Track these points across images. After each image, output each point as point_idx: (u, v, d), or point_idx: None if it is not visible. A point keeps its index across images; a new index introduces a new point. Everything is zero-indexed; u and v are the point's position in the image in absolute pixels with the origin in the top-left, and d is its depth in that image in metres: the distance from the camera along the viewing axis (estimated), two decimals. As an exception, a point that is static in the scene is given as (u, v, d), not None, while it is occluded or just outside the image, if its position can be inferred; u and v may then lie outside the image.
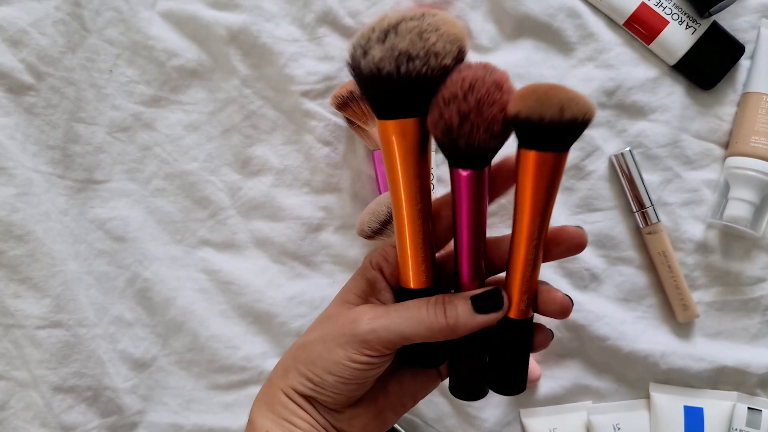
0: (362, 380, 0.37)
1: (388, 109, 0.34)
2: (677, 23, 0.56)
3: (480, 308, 0.36)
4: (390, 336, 0.35)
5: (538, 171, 0.33)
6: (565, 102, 0.31)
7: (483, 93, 0.32)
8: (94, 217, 0.56)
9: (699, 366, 0.56)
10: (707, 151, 0.58)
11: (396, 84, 0.32)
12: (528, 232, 0.35)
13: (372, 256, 0.39)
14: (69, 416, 0.53)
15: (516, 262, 0.36)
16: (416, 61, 0.32)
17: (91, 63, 0.56)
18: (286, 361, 0.39)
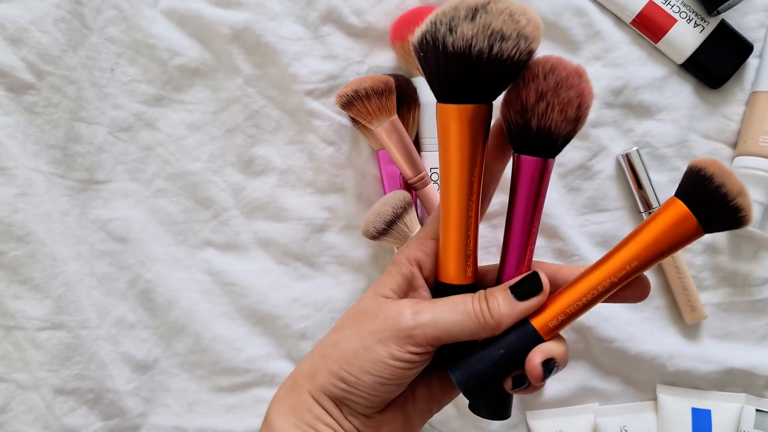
0: (401, 380, 0.35)
1: (457, 91, 0.33)
2: (685, 21, 0.56)
3: (520, 295, 0.34)
4: (436, 332, 0.34)
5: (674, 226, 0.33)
6: (743, 191, 0.32)
7: (563, 76, 0.32)
8: (95, 218, 0.56)
9: (707, 368, 0.56)
10: (715, 150, 0.57)
11: (485, 63, 0.31)
12: (618, 266, 0.34)
13: (407, 252, 0.37)
14: (70, 419, 0.52)
15: (584, 283, 0.35)
16: (509, 41, 0.31)
17: (93, 62, 0.55)
18: (314, 359, 0.37)
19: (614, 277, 0.34)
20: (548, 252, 0.57)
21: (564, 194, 0.57)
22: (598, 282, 0.34)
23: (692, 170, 0.33)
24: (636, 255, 0.34)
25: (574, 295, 0.35)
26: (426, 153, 0.57)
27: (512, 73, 0.33)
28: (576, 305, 0.35)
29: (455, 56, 0.31)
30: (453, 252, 0.36)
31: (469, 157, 0.34)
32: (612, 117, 0.57)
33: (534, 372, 0.34)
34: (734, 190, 0.32)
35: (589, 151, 0.57)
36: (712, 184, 0.32)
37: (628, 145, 0.57)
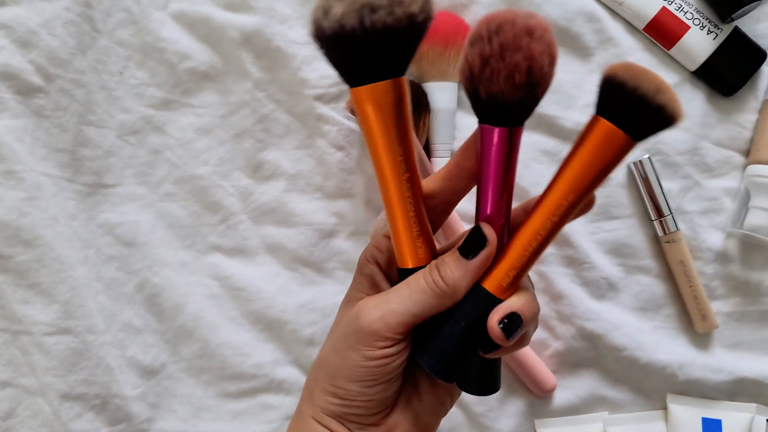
0: (386, 376, 0.34)
1: (358, 72, 0.31)
2: (698, 28, 0.55)
3: (465, 251, 0.33)
4: (398, 318, 0.33)
5: (600, 145, 0.31)
6: (662, 87, 0.30)
7: (509, 37, 0.30)
8: (103, 222, 0.56)
9: (717, 377, 0.56)
10: (727, 158, 0.57)
11: (362, 39, 0.30)
12: (552, 205, 0.32)
13: (365, 252, 0.37)
14: (77, 424, 0.52)
15: (524, 231, 0.33)
16: (380, 11, 0.30)
17: (102, 65, 0.55)
18: (309, 383, 0.37)
19: (554, 216, 0.32)
20: (558, 259, 0.57)
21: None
22: (539, 226, 0.32)
23: (605, 81, 0.31)
24: (570, 188, 0.32)
25: (520, 245, 0.33)
26: (436, 159, 0.57)
27: (406, 42, 0.31)
28: (524, 256, 0.33)
29: (334, 38, 0.30)
30: (401, 236, 0.34)
31: (390, 137, 0.32)
32: (624, 124, 0.56)
33: (494, 333, 0.32)
34: (651, 89, 0.30)
35: (601, 158, 0.56)
36: (626, 90, 0.30)
37: (639, 152, 0.57)
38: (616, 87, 0.30)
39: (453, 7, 0.57)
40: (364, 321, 0.33)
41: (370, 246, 0.37)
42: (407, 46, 0.31)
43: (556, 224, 0.32)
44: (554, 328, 0.57)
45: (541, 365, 0.56)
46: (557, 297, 0.56)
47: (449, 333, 0.34)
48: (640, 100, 0.30)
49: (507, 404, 0.57)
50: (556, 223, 0.32)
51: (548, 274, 0.56)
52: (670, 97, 0.30)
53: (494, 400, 0.57)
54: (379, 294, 0.35)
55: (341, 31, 0.30)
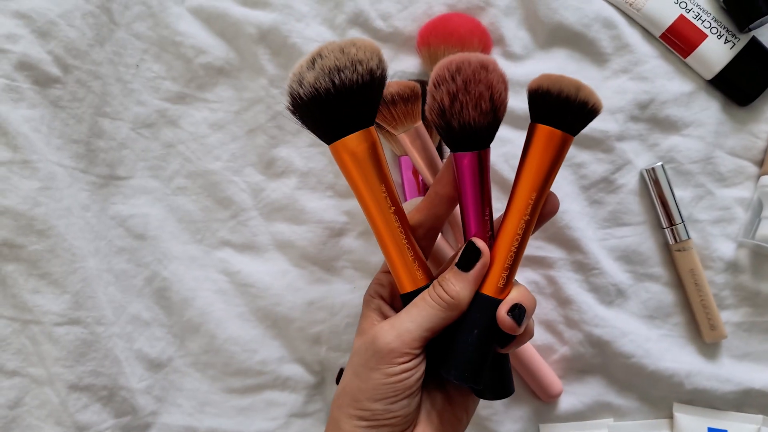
0: (408, 391, 0.37)
1: (334, 128, 0.37)
2: (716, 37, 0.55)
3: (465, 266, 0.37)
4: (413, 334, 0.36)
5: (545, 145, 0.36)
6: (580, 86, 0.36)
7: (469, 73, 0.36)
8: (115, 214, 0.56)
9: (725, 387, 0.55)
10: (741, 168, 0.57)
11: (334, 98, 0.36)
12: (523, 205, 0.37)
13: (369, 290, 0.41)
14: (83, 415, 0.52)
15: (505, 235, 0.38)
16: (345, 71, 0.36)
17: (119, 57, 0.55)
18: (334, 412, 0.39)
19: (525, 215, 0.37)
20: (568, 264, 0.56)
21: (586, 207, 0.57)
22: (515, 227, 0.37)
23: (533, 92, 0.37)
24: (531, 187, 0.37)
25: (505, 249, 0.38)
26: (449, 160, 0.56)
27: (370, 94, 0.37)
28: (510, 257, 0.38)
29: (312, 102, 0.36)
30: (397, 264, 0.38)
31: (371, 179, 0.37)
32: (637, 131, 0.56)
33: (506, 324, 0.37)
34: (572, 90, 0.36)
35: (613, 164, 0.56)
36: (552, 95, 0.36)
37: (652, 159, 0.57)
38: (544, 95, 0.36)
39: (469, 9, 0.57)
40: (381, 342, 0.37)
41: (372, 284, 0.41)
42: (371, 99, 0.37)
43: (528, 222, 0.37)
44: (561, 333, 0.57)
45: (548, 370, 0.56)
46: (565, 302, 0.56)
47: (466, 343, 0.38)
48: (566, 101, 0.36)
49: (512, 408, 0.57)
50: (528, 221, 0.37)
51: (557, 278, 0.56)
52: (588, 92, 0.36)
53: (500, 404, 0.56)
54: (390, 318, 0.38)
55: (317, 93, 0.36)
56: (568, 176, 0.56)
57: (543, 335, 0.57)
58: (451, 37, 0.55)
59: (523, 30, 0.57)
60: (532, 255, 0.57)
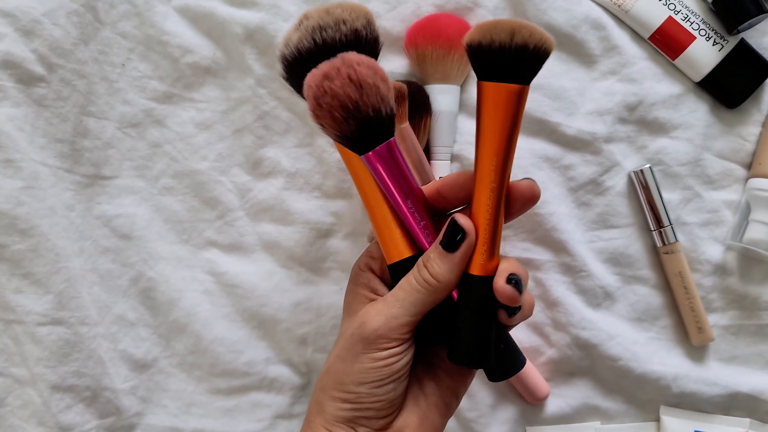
0: (394, 376, 0.36)
1: None
2: (704, 39, 0.55)
3: (448, 245, 0.35)
4: (401, 320, 0.36)
5: (495, 103, 0.33)
6: (516, 28, 0.32)
7: (315, 90, 0.34)
8: (100, 214, 0.55)
9: (712, 391, 0.55)
10: (729, 171, 0.57)
11: (317, 56, 0.34)
12: (486, 173, 0.34)
13: (358, 261, 0.40)
14: (66, 416, 0.52)
15: (476, 210, 0.35)
16: (328, 29, 0.35)
17: (104, 56, 0.55)
18: (317, 394, 0.38)
19: (491, 183, 0.34)
20: (555, 267, 0.56)
21: (573, 209, 0.57)
22: (484, 198, 0.35)
23: (467, 50, 0.34)
24: (490, 152, 0.34)
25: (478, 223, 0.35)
26: (436, 162, 0.56)
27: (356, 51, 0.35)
28: (487, 231, 0.35)
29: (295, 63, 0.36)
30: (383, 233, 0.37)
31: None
32: (625, 133, 0.56)
33: (507, 294, 0.35)
34: (505, 37, 0.32)
35: (601, 166, 0.56)
36: (485, 48, 0.33)
37: (640, 161, 0.56)
38: (476, 50, 0.33)
39: (457, 10, 0.57)
40: (369, 328, 0.36)
41: (363, 255, 0.40)
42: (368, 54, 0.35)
43: (495, 190, 0.35)
44: (549, 336, 0.57)
45: (535, 372, 0.56)
46: (553, 304, 0.56)
47: (466, 327, 0.36)
48: (500, 49, 0.32)
49: (499, 411, 0.57)
50: (495, 189, 0.35)
51: (544, 281, 0.56)
52: (528, 33, 0.32)
53: (486, 407, 0.56)
54: (378, 301, 0.37)
55: (299, 54, 0.35)
56: (555, 178, 0.56)
57: (530, 337, 0.57)
58: (439, 37, 0.55)
59: (511, 31, 0.57)
60: (519, 257, 0.57)
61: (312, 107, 0.34)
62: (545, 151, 0.56)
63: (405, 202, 0.36)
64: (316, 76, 0.33)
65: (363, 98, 0.33)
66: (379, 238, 0.38)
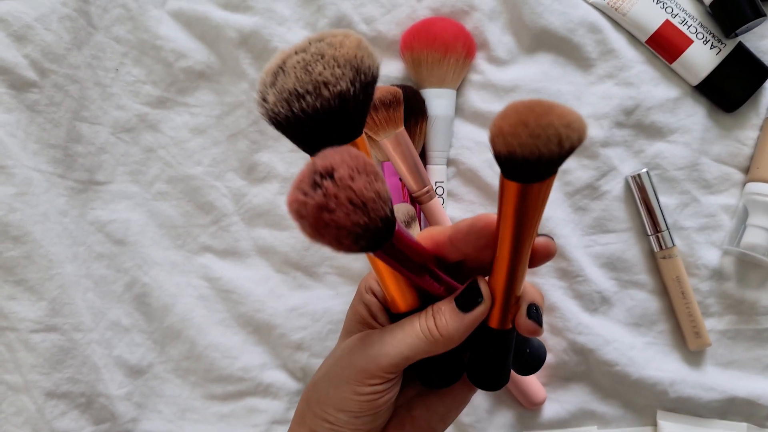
0: (374, 411, 0.35)
1: (311, 145, 0.31)
2: (702, 42, 0.54)
3: (463, 305, 0.34)
4: (390, 360, 0.34)
5: (524, 201, 0.30)
6: (562, 132, 0.27)
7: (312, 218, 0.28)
8: (94, 219, 0.55)
9: (709, 396, 0.55)
10: (726, 175, 0.56)
11: (297, 125, 0.30)
12: (510, 257, 0.33)
13: (364, 281, 0.39)
14: (61, 423, 0.51)
15: (497, 281, 0.34)
16: (307, 97, 0.29)
17: (97, 61, 0.55)
18: (302, 405, 0.38)
19: (519, 264, 0.33)
20: (552, 272, 0.56)
21: (570, 213, 0.56)
22: (506, 271, 0.33)
23: (504, 162, 0.28)
24: (523, 238, 0.31)
25: (497, 288, 0.34)
26: (432, 166, 0.56)
27: (347, 116, 0.30)
28: (505, 294, 0.34)
29: (275, 124, 0.31)
30: (388, 283, 0.35)
31: None
32: (622, 137, 0.56)
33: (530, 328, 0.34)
34: (554, 148, 0.27)
35: (598, 170, 0.56)
36: (531, 162, 0.27)
37: (637, 166, 0.56)
38: (520, 164, 0.28)
39: (453, 13, 0.56)
40: (357, 359, 0.35)
41: (369, 276, 0.38)
42: (351, 118, 0.31)
43: (519, 266, 0.33)
44: (545, 341, 0.56)
45: (532, 377, 0.56)
46: (549, 309, 0.56)
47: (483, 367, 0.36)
48: (548, 161, 0.27)
49: (495, 416, 0.56)
50: (520, 266, 0.33)
51: (541, 285, 0.56)
52: (575, 135, 0.27)
53: (483, 411, 0.56)
54: (375, 332, 0.36)
55: (276, 118, 0.30)
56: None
57: (527, 342, 0.57)
58: (435, 41, 0.54)
59: (507, 35, 0.57)
60: (516, 262, 0.56)
61: (312, 235, 0.28)
62: (542, 156, 0.56)
63: (422, 279, 0.34)
64: (311, 208, 0.27)
65: (370, 215, 0.28)
66: (384, 285, 0.36)
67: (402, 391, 0.38)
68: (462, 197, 0.57)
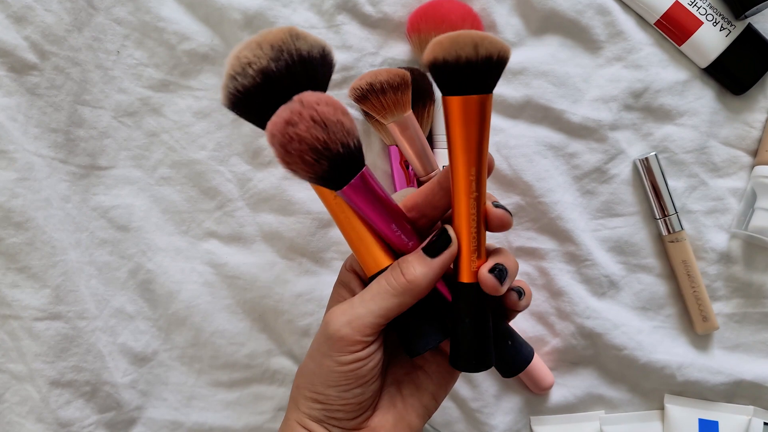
0: (361, 380, 0.36)
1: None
2: (711, 24, 0.54)
3: (431, 250, 0.35)
4: (364, 321, 0.35)
5: (466, 116, 0.34)
6: (478, 41, 0.32)
7: (280, 138, 0.33)
8: (96, 205, 0.54)
9: (716, 379, 0.55)
10: (735, 158, 0.56)
11: (240, 104, 0.35)
12: (465, 185, 0.35)
13: (345, 262, 0.40)
14: (66, 411, 0.51)
15: (459, 220, 0.36)
16: (238, 78, 0.34)
17: (98, 43, 0.53)
18: (293, 391, 0.38)
19: (472, 193, 0.35)
20: (560, 256, 0.56)
21: (578, 197, 0.56)
22: (467, 208, 0.35)
23: (431, 67, 0.34)
24: (468, 163, 0.35)
25: (464, 234, 0.36)
26: (439, 150, 0.55)
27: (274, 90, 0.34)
28: (473, 240, 0.36)
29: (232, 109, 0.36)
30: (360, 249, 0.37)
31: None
32: (631, 120, 0.56)
33: (489, 283, 0.35)
34: (471, 52, 0.32)
35: (606, 154, 0.55)
36: (452, 65, 0.33)
37: (646, 149, 0.56)
38: (441, 67, 0.33)
39: (461, -6, 0.55)
40: (332, 328, 0.35)
41: (350, 257, 0.40)
42: (286, 92, 0.33)
43: (477, 198, 0.35)
44: (553, 325, 0.56)
45: (539, 362, 0.55)
46: (557, 294, 0.56)
47: (464, 334, 0.37)
48: (467, 64, 0.33)
49: (503, 400, 0.56)
50: (478, 197, 0.35)
51: (549, 270, 0.56)
52: (488, 44, 0.33)
53: (490, 396, 0.56)
54: (346, 301, 0.37)
55: (227, 103, 0.35)
56: (560, 166, 0.56)
57: (534, 327, 0.56)
58: (442, 23, 0.54)
59: (515, 16, 0.56)
60: (524, 246, 0.56)
61: (281, 155, 0.33)
62: (550, 139, 0.56)
63: (389, 227, 0.36)
64: (278, 124, 0.32)
65: (330, 136, 0.33)
66: (357, 255, 0.38)
67: (390, 370, 0.40)
68: (469, 181, 0.56)
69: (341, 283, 0.39)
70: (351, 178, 0.34)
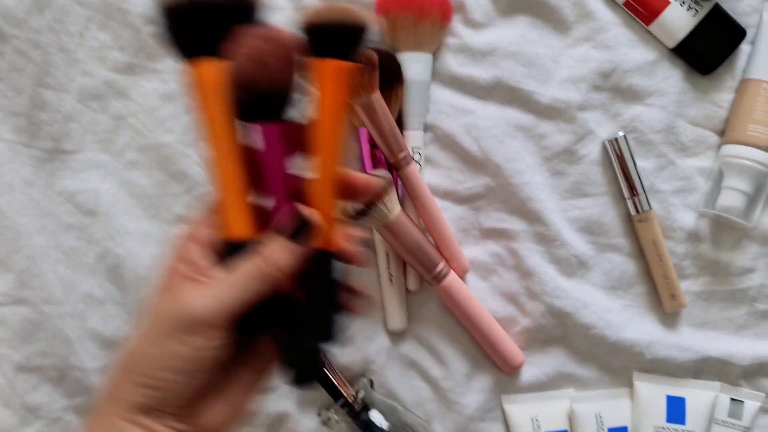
0: (209, 365, 0.33)
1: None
2: (679, 4, 0.54)
3: (292, 235, 0.33)
4: (228, 307, 0.32)
5: (323, 78, 0.35)
6: (337, 12, 0.35)
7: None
8: (62, 189, 0.54)
9: (684, 356, 0.56)
10: (703, 138, 0.56)
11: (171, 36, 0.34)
12: (331, 152, 0.35)
13: (184, 230, 0.37)
14: (33, 396, 0.51)
15: (314, 185, 0.35)
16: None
17: (60, 25, 0.53)
18: (115, 381, 0.33)
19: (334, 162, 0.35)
20: (530, 236, 0.56)
21: (547, 178, 0.56)
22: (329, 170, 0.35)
23: (306, 29, 0.35)
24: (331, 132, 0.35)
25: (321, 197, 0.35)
26: (409, 132, 0.55)
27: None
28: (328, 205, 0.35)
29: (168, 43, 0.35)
30: (231, 200, 0.35)
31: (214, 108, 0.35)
32: (600, 100, 0.56)
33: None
34: (338, 16, 0.35)
35: (575, 134, 0.56)
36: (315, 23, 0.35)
37: (615, 129, 0.56)
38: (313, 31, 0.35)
39: (429, -26, 0.55)
40: (191, 310, 0.32)
41: (192, 223, 0.36)
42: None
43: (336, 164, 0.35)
44: (523, 305, 0.56)
45: (509, 341, 0.56)
46: (527, 274, 0.56)
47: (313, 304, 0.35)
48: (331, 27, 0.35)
49: (474, 380, 0.57)
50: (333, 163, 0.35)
51: (519, 250, 0.56)
52: (347, 11, 0.35)
53: (461, 376, 0.56)
54: (203, 283, 0.33)
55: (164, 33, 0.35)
56: (529, 147, 0.56)
57: (505, 307, 0.57)
58: (410, 4, 0.53)
59: (484, -4, 0.56)
60: (494, 227, 0.56)
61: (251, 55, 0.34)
62: (519, 120, 0.56)
63: (284, 185, 0.35)
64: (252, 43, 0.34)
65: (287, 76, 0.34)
66: (224, 204, 0.35)
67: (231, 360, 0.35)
68: (439, 163, 0.56)
69: (179, 256, 0.35)
70: (280, 111, 0.35)
